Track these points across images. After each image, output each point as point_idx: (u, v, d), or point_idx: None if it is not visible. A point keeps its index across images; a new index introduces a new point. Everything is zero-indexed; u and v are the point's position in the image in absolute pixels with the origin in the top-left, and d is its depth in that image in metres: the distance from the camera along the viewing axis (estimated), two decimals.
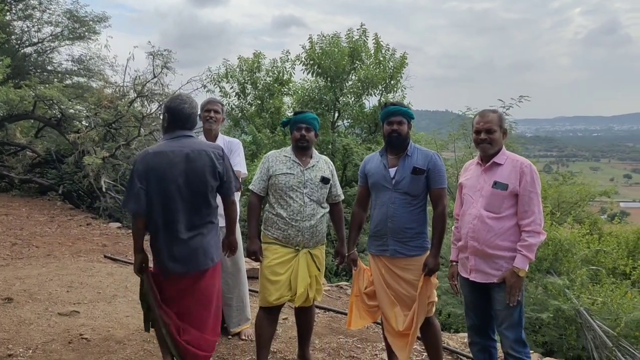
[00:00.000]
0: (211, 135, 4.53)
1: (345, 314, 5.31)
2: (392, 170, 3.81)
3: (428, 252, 3.79)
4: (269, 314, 3.94)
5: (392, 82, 14.29)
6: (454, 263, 3.74)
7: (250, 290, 5.40)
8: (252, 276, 6.15)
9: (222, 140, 4.56)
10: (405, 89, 14.55)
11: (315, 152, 4.09)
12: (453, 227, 3.81)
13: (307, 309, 4.09)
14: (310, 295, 3.95)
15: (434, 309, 3.88)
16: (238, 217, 4.36)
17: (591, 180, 11.35)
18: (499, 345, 3.74)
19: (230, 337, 4.61)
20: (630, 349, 6.20)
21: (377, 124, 14.35)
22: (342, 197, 4.20)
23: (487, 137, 3.45)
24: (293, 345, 4.51)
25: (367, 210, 4.17)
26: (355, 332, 4.90)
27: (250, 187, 4.02)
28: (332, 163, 4.20)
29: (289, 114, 15.37)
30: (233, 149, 4.51)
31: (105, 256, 7.45)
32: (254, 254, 3.93)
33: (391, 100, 4.52)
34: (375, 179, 3.86)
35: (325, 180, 3.97)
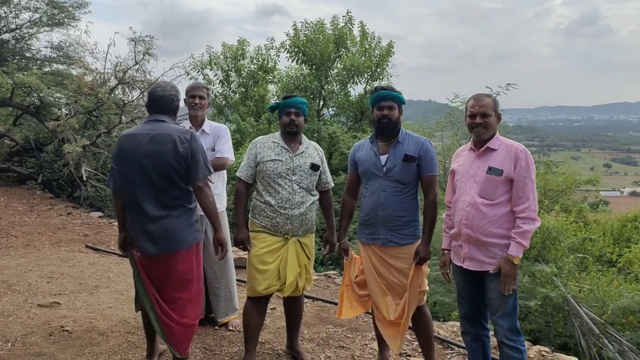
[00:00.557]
0: (197, 122, 4.38)
1: (334, 304, 5.25)
2: (383, 158, 3.71)
3: (419, 240, 3.72)
4: (258, 304, 3.84)
5: (378, 70, 14.19)
6: (446, 251, 3.66)
7: (238, 280, 5.30)
8: (240, 266, 6.05)
9: (209, 126, 4.42)
10: (391, 77, 14.45)
11: (304, 138, 3.98)
12: (444, 215, 3.73)
13: (296, 299, 4.00)
14: (299, 284, 3.86)
15: (425, 298, 3.82)
16: (221, 207, 4.27)
17: (576, 169, 11.39)
18: (491, 334, 3.69)
19: (217, 327, 4.50)
20: (617, 336, 6.22)
21: (363, 112, 14.28)
22: (332, 184, 4.10)
23: (482, 121, 3.36)
24: (282, 336, 4.42)
25: (358, 198, 4.07)
26: (344, 322, 4.83)
27: (237, 174, 3.90)
28: (321, 149, 4.09)
29: (273, 102, 15.21)
30: (220, 134, 4.38)
31: (86, 246, 7.28)
32: (241, 242, 3.82)
33: (381, 84, 4.38)
34: (365, 167, 3.77)
35: (314, 167, 3.87)
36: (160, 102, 3.45)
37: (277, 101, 3.99)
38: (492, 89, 9.27)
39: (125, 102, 11.53)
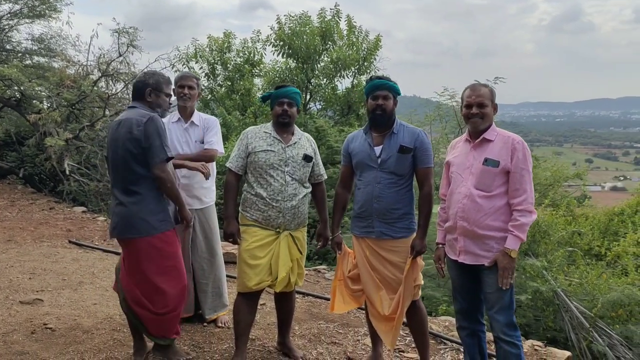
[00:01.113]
0: (186, 113, 4.26)
1: (325, 299, 5.16)
2: (378, 149, 3.63)
3: (414, 233, 3.64)
4: (248, 300, 3.74)
5: (365, 64, 14.10)
6: (440, 245, 3.59)
7: (227, 276, 5.20)
8: (230, 261, 5.94)
9: (199, 117, 4.31)
10: (378, 71, 14.35)
11: (297, 129, 3.88)
12: (439, 208, 3.65)
13: (287, 295, 3.90)
14: (291, 279, 3.76)
15: (420, 293, 3.75)
16: (210, 201, 4.28)
17: (563, 164, 11.42)
18: (487, 328, 3.63)
19: (206, 324, 4.39)
20: (607, 329, 6.22)
21: (350, 106, 14.20)
22: (325, 176, 4.00)
23: (479, 111, 3.29)
24: (272, 332, 4.33)
25: (351, 191, 3.99)
26: (336, 317, 4.74)
27: (227, 164, 3.79)
28: (314, 141, 3.99)
29: (260, 95, 15.05)
30: (209, 126, 4.27)
31: (70, 241, 7.11)
32: (231, 236, 3.71)
33: (377, 74, 4.27)
34: (359, 158, 3.68)
35: (307, 159, 3.77)
36: (134, 89, 3.58)
37: (270, 91, 3.88)
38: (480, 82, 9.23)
39: (109, 94, 11.30)
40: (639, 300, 6.40)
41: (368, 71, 14.19)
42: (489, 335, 3.62)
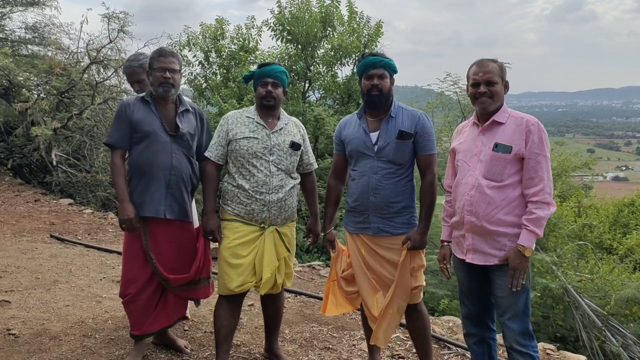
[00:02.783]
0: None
1: (319, 299, 4.78)
2: (374, 135, 3.23)
3: (415, 229, 3.26)
4: (230, 303, 3.35)
5: (366, 51, 13.60)
6: (445, 243, 3.20)
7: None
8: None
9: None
10: None
11: (283, 113, 3.47)
12: (444, 202, 3.26)
13: (275, 297, 3.52)
14: (278, 280, 3.37)
15: (421, 295, 3.36)
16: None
17: (570, 153, 10.98)
18: (498, 335, 3.25)
19: (186, 329, 4.00)
20: (620, 328, 5.85)
21: (351, 95, 13.72)
22: (315, 165, 3.61)
23: (487, 89, 2.88)
24: (260, 337, 3.95)
25: (345, 182, 3.58)
26: (330, 320, 4.36)
27: (205, 153, 3.39)
28: (303, 126, 3.59)
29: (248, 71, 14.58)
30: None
31: (51, 235, 6.72)
32: (211, 233, 3.32)
33: (370, 51, 3.82)
34: (354, 146, 3.28)
35: (295, 146, 3.37)
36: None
37: (252, 70, 3.47)
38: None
39: (97, 81, 10.87)
40: None
41: (358, 59, 13.69)
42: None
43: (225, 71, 14.64)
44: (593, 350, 5.79)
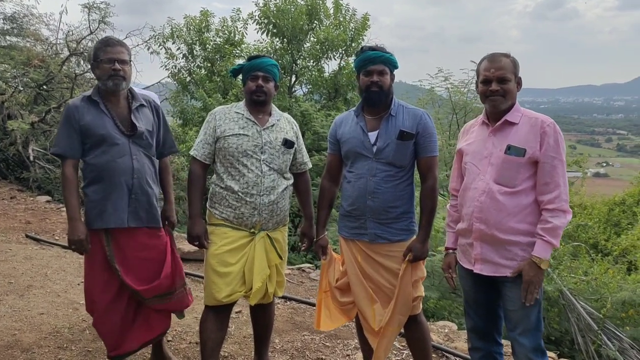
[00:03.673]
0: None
1: (311, 305, 4.54)
2: (372, 135, 3.00)
3: (414, 236, 3.04)
4: (218, 315, 3.10)
5: (353, 45, 13.40)
6: (450, 251, 2.98)
7: (192, 275, 4.60)
8: (195, 259, 5.35)
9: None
10: None
11: (275, 109, 3.23)
12: (448, 206, 3.04)
13: (265, 306, 3.28)
14: (269, 289, 3.14)
15: (420, 305, 3.14)
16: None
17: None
18: (506, 347, 3.04)
19: (170, 339, 3.74)
20: (617, 332, 5.71)
21: (337, 90, 13.51)
22: (309, 165, 3.37)
23: (500, 87, 2.65)
24: (249, 347, 3.71)
25: (339, 184, 3.35)
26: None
27: (191, 152, 3.13)
28: (295, 122, 3.34)
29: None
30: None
31: (27, 235, 6.39)
32: (197, 239, 3.07)
33: (369, 44, 3.60)
34: (350, 146, 3.04)
35: (288, 144, 3.13)
36: None
37: (241, 63, 3.21)
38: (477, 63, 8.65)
39: (76, 73, 10.48)
40: None
41: (355, 53, 13.48)
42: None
43: (209, 65, 14.35)
44: (589, 354, 5.64)
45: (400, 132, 2.94)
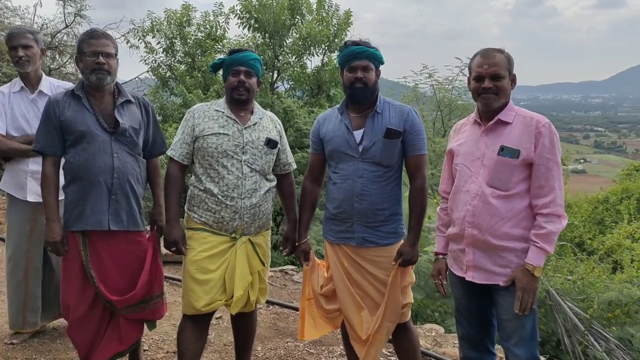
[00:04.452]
0: (30, 80, 3.42)
1: (294, 309, 4.39)
2: (358, 133, 2.86)
3: (402, 239, 2.91)
4: (197, 324, 2.93)
5: (336, 40, 13.24)
6: (440, 257, 2.85)
7: (168, 277, 4.42)
8: (172, 260, 5.16)
9: (49, 85, 3.47)
10: None
11: (257, 106, 3.06)
12: (438, 209, 2.92)
13: (247, 314, 3.12)
14: (251, 297, 2.98)
15: (409, 313, 3.01)
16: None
17: None
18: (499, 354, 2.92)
19: (146, 349, 3.56)
20: (603, 332, 5.66)
21: (320, 86, 13.35)
22: (294, 165, 3.21)
23: (493, 84, 2.53)
24: (229, 355, 3.56)
25: (322, 185, 3.20)
26: None
27: (168, 152, 2.96)
28: (279, 121, 3.18)
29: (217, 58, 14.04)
30: None
31: None
32: (174, 244, 2.89)
33: (353, 39, 3.44)
34: (335, 145, 2.89)
35: (271, 143, 2.97)
36: None
37: (222, 57, 3.04)
38: (462, 60, 8.58)
39: (52, 68, 10.20)
40: (637, 299, 5.86)
41: (339, 49, 13.33)
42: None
43: (190, 60, 14.08)
44: (575, 354, 5.59)
45: (387, 130, 2.81)
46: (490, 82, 2.53)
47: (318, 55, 13.57)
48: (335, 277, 2.99)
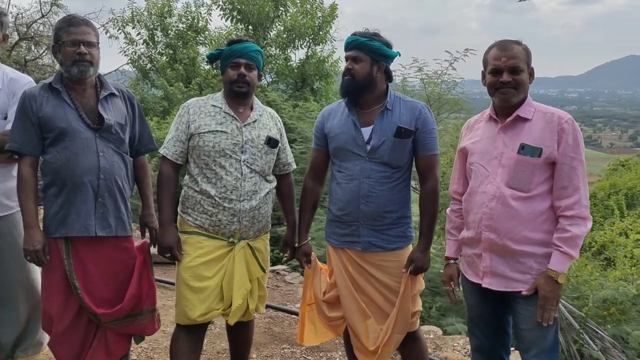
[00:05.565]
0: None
1: (291, 313, 4.22)
2: (366, 131, 2.68)
3: (410, 243, 2.76)
4: (191, 335, 2.74)
5: (321, 33, 13.04)
6: (451, 261, 2.69)
7: (159, 281, 4.21)
8: (159, 262, 4.92)
9: (1, 75, 2.78)
10: (335, 41, 13.34)
11: (257, 102, 2.87)
12: (448, 211, 2.74)
13: (244, 323, 2.93)
14: (250, 306, 2.80)
15: (418, 322, 2.85)
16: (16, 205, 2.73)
17: None
18: None
19: (134, 358, 3.35)
20: (599, 331, 5.60)
21: (305, 79, 13.14)
22: (294, 165, 3.02)
23: (512, 78, 2.36)
24: None
25: (324, 184, 3.01)
26: None
27: (161, 151, 2.74)
28: (279, 118, 2.98)
29: (206, 67, 13.76)
30: (17, 92, 2.72)
31: None
32: (169, 249, 2.69)
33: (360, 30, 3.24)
34: (340, 142, 2.71)
35: (272, 142, 2.77)
36: None
37: (220, 47, 2.82)
38: (452, 54, 8.42)
39: (28, 60, 9.81)
40: (632, 297, 5.81)
41: (324, 41, 13.16)
42: None
43: (171, 51, 13.76)
44: (571, 353, 5.51)
45: (398, 129, 2.64)
46: (509, 76, 2.36)
47: (302, 48, 13.38)
48: (339, 283, 2.81)
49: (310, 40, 13.32)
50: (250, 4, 12.48)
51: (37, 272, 2.81)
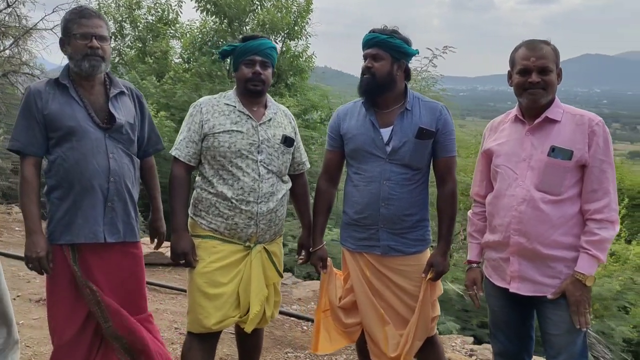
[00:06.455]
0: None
1: (294, 317, 4.12)
2: (385, 132, 2.60)
3: (429, 247, 2.71)
4: (204, 344, 2.62)
5: (296, 28, 12.91)
6: (474, 265, 2.64)
7: (151, 283, 4.06)
8: (158, 262, 4.77)
9: None
10: (310, 36, 13.22)
11: (270, 100, 2.75)
12: (470, 213, 2.69)
13: (256, 331, 2.82)
14: (267, 312, 2.70)
15: (436, 327, 2.80)
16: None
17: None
18: None
19: None
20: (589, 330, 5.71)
21: (279, 75, 12.98)
22: (308, 165, 2.92)
23: (541, 79, 2.31)
24: None
25: (338, 186, 2.93)
26: (306, 344, 3.71)
27: (172, 152, 2.60)
28: (292, 116, 2.88)
29: (177, 60, 13.44)
30: None
31: None
32: (183, 256, 2.55)
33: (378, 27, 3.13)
34: (358, 143, 2.63)
35: (288, 141, 2.68)
36: None
37: (234, 43, 2.69)
38: (433, 50, 8.40)
39: None
40: (615, 293, 5.93)
41: (299, 36, 13.03)
42: None
43: (141, 45, 13.39)
44: None
45: (420, 130, 2.57)
46: (538, 76, 2.32)
47: (277, 43, 13.20)
48: (356, 288, 2.73)
49: (285, 35, 13.18)
50: None
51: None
